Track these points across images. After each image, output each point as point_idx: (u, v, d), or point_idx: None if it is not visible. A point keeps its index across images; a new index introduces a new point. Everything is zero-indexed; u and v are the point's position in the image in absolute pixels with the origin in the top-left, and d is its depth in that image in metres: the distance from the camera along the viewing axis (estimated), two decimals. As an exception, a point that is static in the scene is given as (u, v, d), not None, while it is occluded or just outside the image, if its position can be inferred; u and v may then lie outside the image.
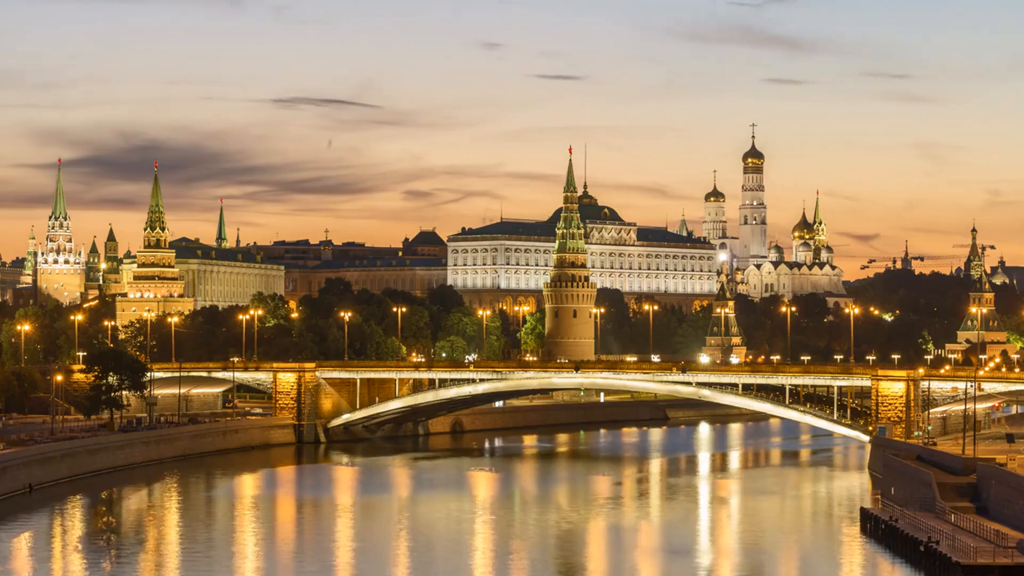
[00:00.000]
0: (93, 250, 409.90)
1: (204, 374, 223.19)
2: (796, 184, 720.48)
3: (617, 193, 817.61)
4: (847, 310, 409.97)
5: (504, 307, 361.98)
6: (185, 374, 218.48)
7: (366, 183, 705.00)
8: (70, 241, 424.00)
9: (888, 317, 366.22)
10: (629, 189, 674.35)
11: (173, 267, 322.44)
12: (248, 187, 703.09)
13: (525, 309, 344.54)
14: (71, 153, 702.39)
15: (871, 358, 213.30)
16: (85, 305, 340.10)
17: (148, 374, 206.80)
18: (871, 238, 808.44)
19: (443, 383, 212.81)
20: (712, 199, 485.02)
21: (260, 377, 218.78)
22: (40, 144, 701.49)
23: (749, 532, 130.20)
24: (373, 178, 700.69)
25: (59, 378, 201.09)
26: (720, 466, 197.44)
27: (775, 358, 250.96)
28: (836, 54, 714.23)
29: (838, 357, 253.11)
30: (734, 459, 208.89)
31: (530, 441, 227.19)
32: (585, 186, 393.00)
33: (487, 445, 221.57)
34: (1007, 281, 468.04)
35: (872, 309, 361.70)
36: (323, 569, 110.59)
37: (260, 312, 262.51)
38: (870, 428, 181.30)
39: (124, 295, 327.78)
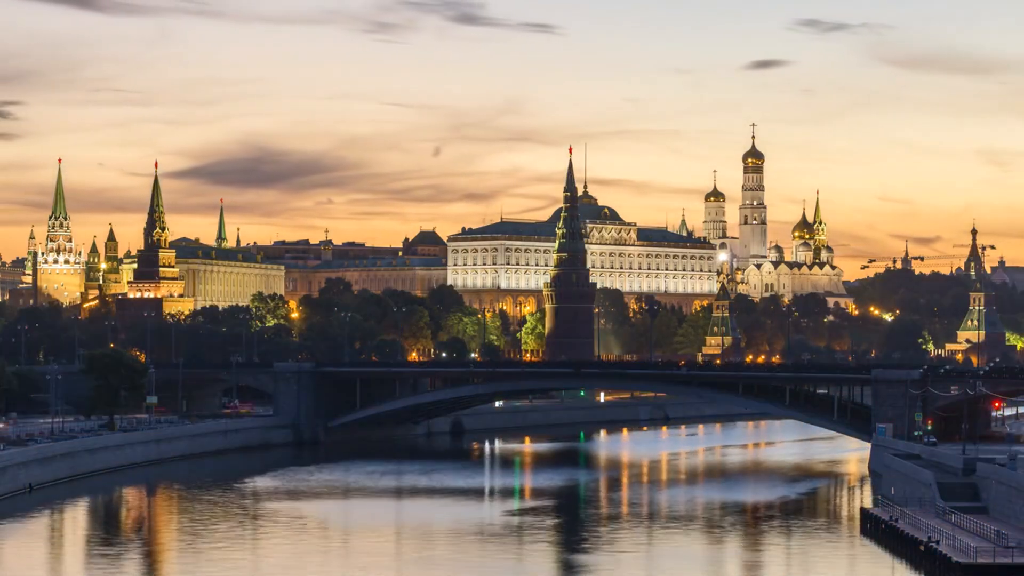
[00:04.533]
0: (93, 250, 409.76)
1: (204, 374, 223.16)
2: (795, 183, 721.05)
3: (618, 193, 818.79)
4: (847, 310, 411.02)
5: (504, 307, 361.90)
6: (185, 374, 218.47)
7: (452, 192, 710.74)
8: (70, 241, 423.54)
9: (888, 317, 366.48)
10: (634, 188, 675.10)
11: (173, 267, 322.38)
12: (352, 194, 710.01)
13: (525, 309, 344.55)
14: (193, 163, 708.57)
15: (871, 358, 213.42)
16: (85, 305, 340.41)
17: (148, 374, 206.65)
18: (932, 240, 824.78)
19: (443, 383, 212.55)
20: (712, 199, 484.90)
21: (260, 377, 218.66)
22: (147, 153, 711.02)
23: (749, 532, 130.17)
24: (463, 187, 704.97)
25: (59, 378, 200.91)
26: (719, 466, 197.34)
27: (775, 358, 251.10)
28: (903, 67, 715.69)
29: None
30: (733, 459, 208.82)
31: (530, 441, 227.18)
32: (585, 186, 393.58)
33: (487, 445, 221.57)
34: (1007, 281, 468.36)
35: (872, 309, 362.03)
36: (323, 568, 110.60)
37: (260, 312, 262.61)
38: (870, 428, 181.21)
39: (124, 295, 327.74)
